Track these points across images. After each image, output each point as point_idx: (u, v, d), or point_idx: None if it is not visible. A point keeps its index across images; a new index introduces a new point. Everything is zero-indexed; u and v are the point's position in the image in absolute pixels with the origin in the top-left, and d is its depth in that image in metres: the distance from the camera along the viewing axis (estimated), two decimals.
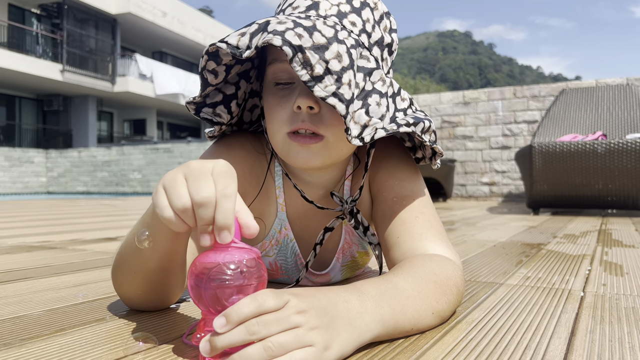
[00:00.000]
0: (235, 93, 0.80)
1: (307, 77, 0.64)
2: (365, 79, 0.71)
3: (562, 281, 1.03)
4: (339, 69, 0.65)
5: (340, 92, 0.65)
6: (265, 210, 0.89)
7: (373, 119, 0.70)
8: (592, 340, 0.64)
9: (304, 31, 0.65)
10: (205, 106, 0.79)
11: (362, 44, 0.73)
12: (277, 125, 0.74)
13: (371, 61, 0.73)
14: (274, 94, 0.75)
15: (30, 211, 3.93)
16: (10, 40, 15.61)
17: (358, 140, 0.68)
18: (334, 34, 0.67)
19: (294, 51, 0.63)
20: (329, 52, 0.65)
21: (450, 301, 0.69)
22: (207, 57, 0.70)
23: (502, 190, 5.24)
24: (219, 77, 0.74)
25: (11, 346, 0.61)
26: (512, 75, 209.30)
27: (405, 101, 0.77)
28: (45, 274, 1.15)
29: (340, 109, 0.65)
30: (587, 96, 4.03)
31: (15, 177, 12.96)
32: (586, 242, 1.71)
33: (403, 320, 0.60)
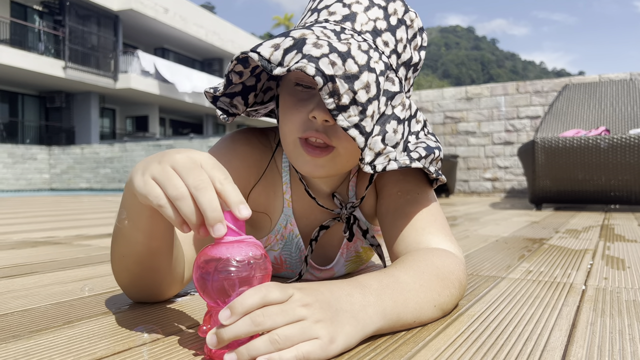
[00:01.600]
0: (255, 85, 0.80)
1: (333, 105, 0.64)
2: (387, 103, 0.71)
3: (563, 275, 1.04)
4: (365, 100, 0.66)
5: (362, 124, 0.66)
6: (272, 205, 0.89)
7: (388, 147, 0.71)
8: (593, 332, 0.64)
9: (338, 58, 0.64)
10: (223, 95, 0.78)
11: (390, 66, 0.72)
12: (290, 127, 0.74)
13: (395, 84, 0.73)
14: (292, 94, 0.74)
15: (34, 207, 3.95)
16: (12, 37, 15.64)
17: (369, 168, 0.69)
18: (366, 62, 0.67)
19: (325, 80, 0.63)
20: (358, 82, 0.65)
21: (452, 294, 0.69)
22: (236, 61, 0.70)
23: (504, 186, 5.24)
24: (243, 77, 0.75)
25: (20, 338, 0.62)
26: (515, 70, 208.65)
27: (420, 124, 0.79)
28: (51, 268, 1.16)
29: (359, 142, 0.66)
30: (590, 91, 4.03)
31: (18, 173, 13.00)
32: (588, 237, 1.72)
33: (405, 313, 0.61)
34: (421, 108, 5.67)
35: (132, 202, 0.60)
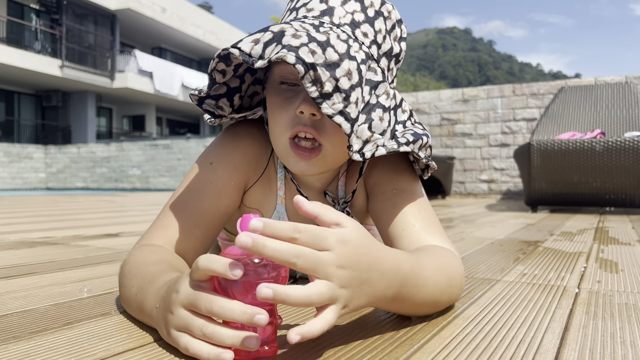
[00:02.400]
0: (240, 87, 0.81)
1: (317, 94, 0.65)
2: (370, 92, 0.72)
3: (557, 278, 1.05)
4: (347, 87, 0.67)
5: (347, 111, 0.66)
6: (266, 201, 0.90)
7: (375, 134, 0.72)
8: (585, 335, 0.65)
9: (318, 47, 0.65)
10: (208, 97, 0.79)
11: (371, 56, 0.74)
12: (279, 128, 0.75)
13: (378, 73, 0.74)
14: (278, 94, 0.75)
15: (30, 207, 3.94)
16: (9, 36, 15.59)
17: (359, 155, 0.70)
18: (346, 50, 0.68)
19: (306, 69, 0.64)
20: (339, 70, 0.66)
21: (452, 294, 0.72)
22: (218, 59, 0.71)
23: (500, 188, 5.27)
24: (227, 76, 0.75)
25: (21, 339, 0.63)
26: (512, 72, 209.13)
27: (406, 113, 0.79)
28: (49, 269, 1.16)
29: (345, 128, 0.66)
30: (586, 94, 4.05)
31: (14, 172, 12.96)
32: (583, 240, 1.73)
33: (409, 304, 0.65)
34: (418, 109, 5.69)
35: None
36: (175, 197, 0.83)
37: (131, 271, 0.71)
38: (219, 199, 0.82)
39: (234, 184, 0.84)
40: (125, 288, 0.71)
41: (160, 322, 0.58)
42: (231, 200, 0.85)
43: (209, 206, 0.81)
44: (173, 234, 0.79)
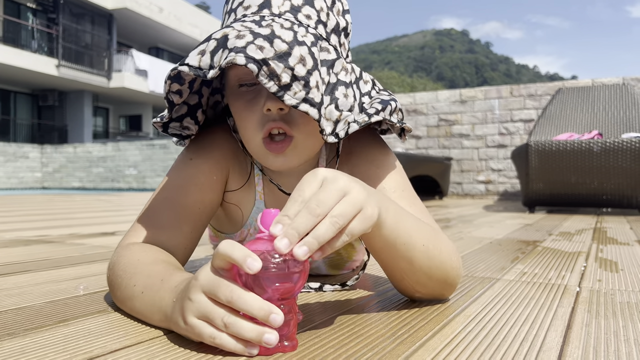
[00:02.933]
0: (199, 102, 0.80)
1: (276, 88, 0.64)
2: (328, 72, 0.71)
3: (558, 277, 1.04)
4: (304, 73, 0.66)
5: (310, 97, 0.66)
6: (244, 197, 0.89)
7: (343, 112, 0.71)
8: (588, 333, 0.65)
9: (264, 41, 0.64)
10: (172, 121, 0.79)
11: (320, 36, 0.73)
12: (250, 132, 0.75)
13: (331, 52, 0.73)
14: (240, 97, 0.74)
15: (26, 206, 3.92)
16: (5, 35, 15.53)
17: (333, 137, 0.69)
18: (293, 37, 0.67)
19: (258, 66, 0.63)
20: (292, 58, 0.65)
21: (442, 250, 0.73)
22: (170, 81, 0.70)
23: (498, 189, 5.27)
24: (183, 96, 0.75)
25: (15, 336, 0.62)
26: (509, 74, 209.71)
27: (368, 83, 0.78)
28: (44, 267, 1.15)
29: (313, 114, 0.66)
30: (583, 95, 4.05)
31: (10, 172, 12.91)
32: (581, 240, 1.73)
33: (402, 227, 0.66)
34: (415, 110, 5.69)
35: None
36: (158, 195, 0.82)
37: (127, 270, 0.69)
38: (202, 193, 0.82)
39: (216, 178, 0.84)
40: (122, 288, 0.69)
41: (176, 312, 0.57)
42: (215, 195, 0.85)
43: (193, 201, 0.81)
44: (160, 231, 0.78)
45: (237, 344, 0.52)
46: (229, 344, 0.52)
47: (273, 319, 0.50)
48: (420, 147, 5.67)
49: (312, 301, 0.80)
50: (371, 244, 0.67)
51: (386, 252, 0.68)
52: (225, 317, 0.52)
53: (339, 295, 0.85)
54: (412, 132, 5.65)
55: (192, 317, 0.54)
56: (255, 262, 0.50)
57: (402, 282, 0.75)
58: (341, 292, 0.87)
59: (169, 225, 0.78)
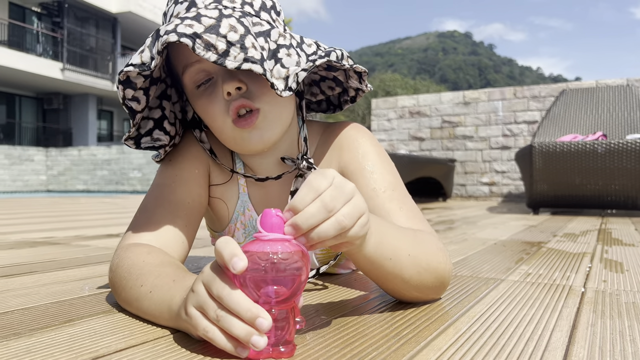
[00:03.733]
0: (163, 114, 0.83)
1: (215, 56, 0.67)
2: (266, 40, 0.74)
3: (562, 277, 1.04)
4: (238, 38, 0.69)
5: (249, 56, 0.68)
6: (227, 192, 0.91)
7: (290, 68, 0.73)
8: (594, 333, 0.65)
9: (192, 21, 0.68)
10: (142, 137, 0.82)
11: (248, 13, 0.76)
12: (219, 120, 0.77)
13: (264, 25, 0.76)
14: (200, 96, 0.78)
15: (31, 208, 3.94)
16: (10, 39, 15.61)
17: (288, 92, 0.71)
18: (219, 13, 0.70)
19: (192, 40, 0.66)
20: (222, 28, 0.68)
21: (428, 253, 0.73)
22: (122, 86, 0.72)
23: (502, 191, 5.26)
24: (141, 103, 0.76)
25: (22, 336, 0.62)
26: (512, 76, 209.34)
27: (312, 46, 0.80)
28: (50, 268, 1.16)
29: (257, 70, 0.68)
30: (587, 97, 4.04)
31: (15, 175, 12.96)
32: (586, 241, 1.72)
33: (386, 242, 0.67)
34: (419, 112, 5.69)
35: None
36: (148, 197, 0.85)
37: (132, 272, 0.70)
38: (189, 188, 0.85)
39: (198, 172, 0.87)
40: (128, 289, 0.69)
41: (181, 304, 0.58)
42: (201, 188, 0.87)
43: (181, 196, 0.83)
44: (157, 229, 0.79)
45: (227, 342, 0.52)
46: (220, 340, 0.52)
47: (260, 322, 0.50)
48: (424, 149, 5.66)
49: (316, 301, 0.80)
50: (359, 264, 0.68)
51: (375, 271, 0.69)
52: (218, 310, 0.52)
53: (342, 295, 0.85)
54: (416, 134, 5.64)
55: (192, 307, 0.54)
56: (240, 262, 0.49)
57: (395, 292, 0.76)
58: (345, 292, 0.87)
59: (163, 222, 0.80)
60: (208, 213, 0.97)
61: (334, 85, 0.90)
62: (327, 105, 0.96)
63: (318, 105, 0.97)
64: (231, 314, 0.51)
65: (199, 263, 1.22)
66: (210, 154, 0.89)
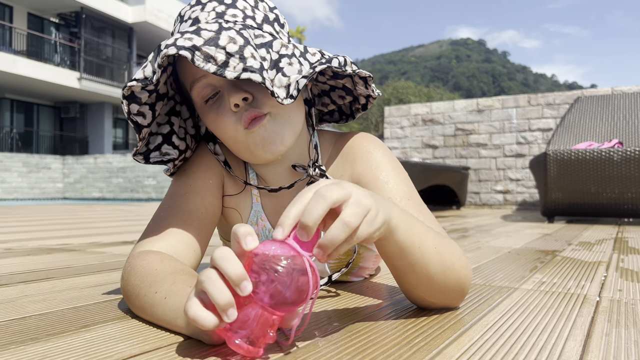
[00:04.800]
0: (172, 129, 0.84)
1: (214, 67, 0.68)
2: (268, 51, 0.75)
3: (577, 286, 1.03)
4: (237, 49, 0.70)
5: (248, 66, 0.69)
6: (241, 201, 0.92)
7: (292, 76, 0.74)
8: (608, 343, 0.64)
9: (192, 34, 0.69)
10: (151, 152, 0.84)
11: (250, 26, 0.77)
12: (230, 131, 0.78)
13: (266, 36, 0.77)
14: (209, 111, 0.79)
15: (48, 215, 3.99)
16: (29, 49, 15.92)
17: (289, 100, 0.72)
18: (218, 27, 0.72)
19: (191, 52, 0.67)
20: (221, 40, 0.69)
21: (453, 251, 0.74)
22: (126, 101, 0.73)
23: (516, 199, 5.21)
24: (147, 118, 0.77)
25: (39, 340, 0.63)
26: (526, 83, 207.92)
27: (316, 54, 0.80)
28: (66, 274, 1.17)
29: (255, 78, 0.69)
30: (603, 104, 4.00)
31: (32, 182, 13.15)
32: (602, 250, 1.70)
33: (414, 232, 0.67)
34: (432, 120, 5.67)
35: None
36: (162, 206, 0.86)
37: (145, 279, 0.71)
38: (202, 198, 0.86)
39: (212, 182, 0.88)
40: (141, 296, 0.70)
41: None
42: (214, 198, 0.88)
43: (195, 206, 0.84)
44: (169, 237, 0.80)
45: (219, 294, 0.51)
46: (214, 291, 0.51)
47: (230, 312, 0.51)
48: (437, 157, 5.64)
49: (329, 308, 0.80)
50: (386, 251, 0.68)
51: (403, 260, 0.68)
52: (210, 271, 0.53)
53: (354, 302, 0.85)
54: (429, 141, 5.62)
55: (193, 291, 0.56)
56: (252, 241, 0.53)
57: (417, 292, 0.75)
58: (357, 300, 0.87)
59: (176, 230, 0.81)
60: (221, 222, 0.98)
61: (344, 94, 0.91)
62: (339, 115, 0.97)
63: (330, 116, 0.98)
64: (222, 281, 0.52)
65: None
66: (224, 166, 0.90)
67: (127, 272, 0.76)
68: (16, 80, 15.03)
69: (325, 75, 0.86)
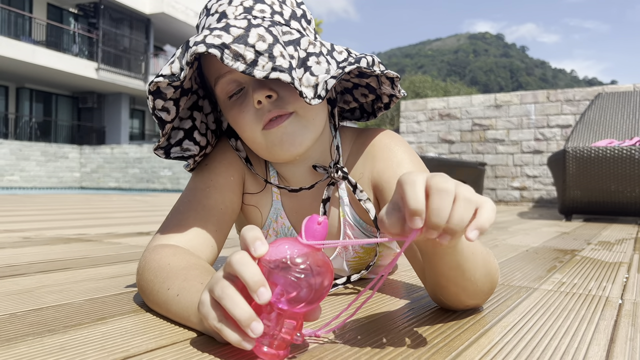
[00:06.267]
0: (194, 124, 0.84)
1: (243, 66, 0.67)
2: (296, 48, 0.74)
3: (598, 288, 1.01)
4: (266, 47, 0.69)
5: (277, 65, 0.68)
6: (262, 199, 0.91)
7: (320, 76, 0.73)
8: (633, 348, 0.62)
9: (221, 31, 0.68)
10: (172, 147, 0.83)
11: (278, 22, 0.76)
12: (249, 129, 0.77)
13: (294, 33, 0.76)
14: (232, 107, 0.78)
15: (65, 205, 4.04)
16: (48, 39, 16.08)
17: (317, 100, 0.71)
18: (247, 24, 0.70)
19: (220, 50, 0.66)
20: (251, 38, 0.68)
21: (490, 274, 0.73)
22: (152, 96, 0.72)
23: (533, 196, 5.15)
24: (171, 113, 0.76)
25: (56, 332, 0.63)
26: (545, 78, 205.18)
27: (343, 53, 0.79)
28: (83, 265, 1.18)
29: (284, 78, 0.68)
30: (624, 101, 3.93)
31: (50, 171, 13.33)
32: (622, 250, 1.67)
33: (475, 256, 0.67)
34: (449, 114, 5.62)
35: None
36: (181, 199, 0.86)
37: (158, 275, 0.71)
38: (223, 194, 0.85)
39: (234, 179, 0.87)
40: (155, 292, 0.70)
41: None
42: (235, 195, 0.87)
43: (215, 202, 0.84)
44: (187, 232, 0.80)
45: (233, 333, 0.51)
46: (228, 333, 0.51)
47: (254, 327, 0.50)
48: (454, 152, 5.59)
49: (346, 305, 0.80)
50: (445, 261, 0.64)
51: (458, 268, 0.66)
52: (224, 290, 0.52)
53: (372, 302, 0.84)
54: (445, 136, 5.58)
55: (205, 292, 0.55)
56: (262, 246, 0.52)
57: (458, 295, 0.72)
58: (374, 299, 0.86)
59: (195, 225, 0.81)
60: (240, 217, 0.97)
61: (367, 92, 0.89)
62: (360, 113, 0.96)
63: (352, 114, 0.97)
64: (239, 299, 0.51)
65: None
66: (245, 163, 0.89)
67: (142, 266, 0.75)
68: (35, 70, 15.21)
69: (350, 73, 0.85)
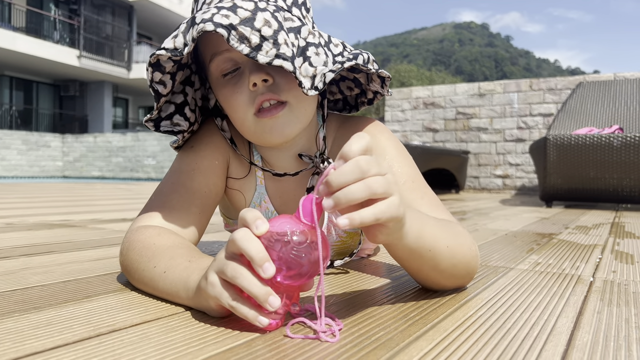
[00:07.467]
0: (185, 100, 0.84)
1: (248, 49, 0.68)
2: (296, 37, 0.75)
3: (572, 267, 1.04)
4: (271, 33, 0.70)
5: (281, 53, 0.69)
6: (245, 183, 0.92)
7: (318, 67, 0.74)
8: (599, 320, 0.65)
9: (228, 11, 0.68)
10: (162, 120, 0.83)
11: (281, 7, 0.77)
12: (241, 110, 0.77)
13: (295, 20, 0.77)
14: (225, 85, 0.78)
15: (48, 193, 4.00)
16: (28, 26, 15.77)
17: (314, 91, 0.72)
18: (254, 6, 0.71)
19: (227, 31, 0.67)
20: (257, 22, 0.69)
21: (463, 244, 0.74)
22: (151, 68, 0.73)
23: (515, 183, 5.22)
24: (167, 87, 0.77)
25: (41, 309, 0.65)
26: (529, 68, 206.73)
27: (339, 46, 0.80)
28: (67, 249, 1.19)
29: (287, 67, 0.69)
30: (604, 90, 3.99)
31: (32, 160, 13.15)
32: (598, 234, 1.72)
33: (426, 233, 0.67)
34: (433, 103, 5.66)
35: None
36: (165, 181, 0.86)
37: (143, 254, 0.72)
38: (207, 177, 0.86)
39: (218, 163, 0.88)
40: (140, 271, 0.72)
41: (203, 277, 0.60)
42: (219, 179, 0.88)
43: (198, 185, 0.85)
44: (170, 214, 0.81)
45: (250, 309, 0.54)
46: (244, 310, 0.54)
47: (271, 301, 0.53)
48: (438, 140, 5.64)
49: (328, 284, 0.82)
50: (397, 254, 0.68)
51: (412, 261, 0.69)
52: (235, 275, 0.54)
53: (353, 280, 0.86)
54: (429, 125, 5.61)
55: (213, 273, 0.57)
56: (263, 224, 0.54)
57: (426, 282, 0.77)
58: (356, 278, 0.88)
59: (178, 208, 0.81)
60: (224, 200, 0.99)
61: (353, 86, 0.91)
62: (343, 105, 0.97)
63: (334, 104, 0.98)
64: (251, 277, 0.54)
65: (212, 247, 1.24)
66: (230, 144, 0.90)
67: (126, 247, 0.77)
68: (15, 57, 14.93)
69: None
